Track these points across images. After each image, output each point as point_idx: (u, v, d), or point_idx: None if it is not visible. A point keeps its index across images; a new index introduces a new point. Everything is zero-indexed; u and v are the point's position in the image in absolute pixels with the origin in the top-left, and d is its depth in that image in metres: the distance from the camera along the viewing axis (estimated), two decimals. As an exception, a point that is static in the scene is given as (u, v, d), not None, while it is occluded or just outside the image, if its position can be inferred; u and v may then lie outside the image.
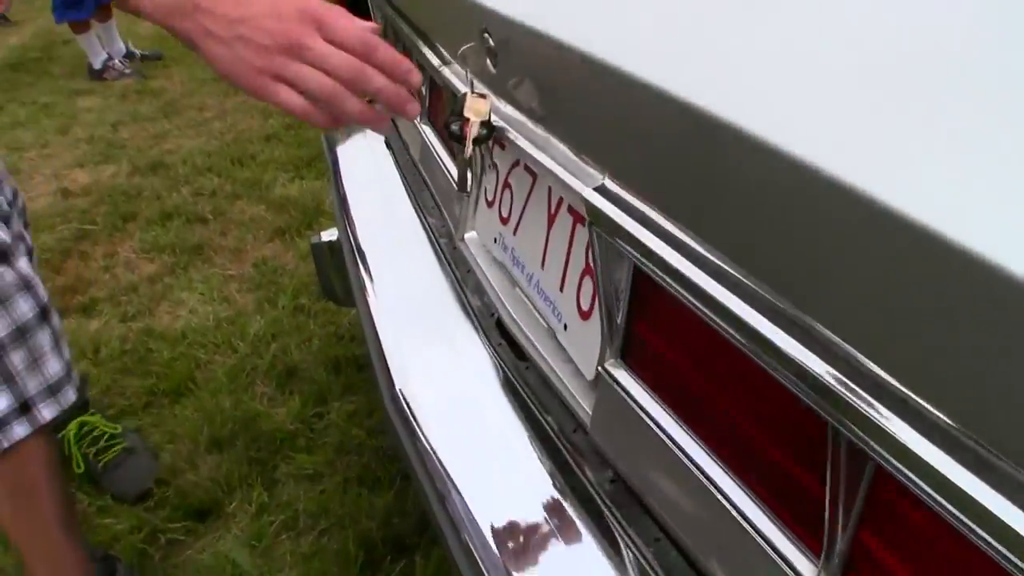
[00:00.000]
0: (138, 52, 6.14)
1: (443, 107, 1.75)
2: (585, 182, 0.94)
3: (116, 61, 5.80)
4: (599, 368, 1.02)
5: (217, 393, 2.65)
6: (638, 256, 0.85)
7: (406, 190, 1.99)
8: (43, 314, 1.65)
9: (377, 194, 2.08)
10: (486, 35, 1.12)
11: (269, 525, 2.16)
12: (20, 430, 1.62)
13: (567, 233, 1.14)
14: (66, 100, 5.51)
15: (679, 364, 0.91)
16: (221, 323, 3.03)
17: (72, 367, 1.75)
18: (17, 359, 1.60)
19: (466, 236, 1.55)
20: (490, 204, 1.44)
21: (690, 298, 0.77)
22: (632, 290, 0.96)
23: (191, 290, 3.27)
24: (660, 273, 0.81)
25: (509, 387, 1.29)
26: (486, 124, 1.17)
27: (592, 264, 1.07)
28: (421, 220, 1.81)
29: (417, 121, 1.90)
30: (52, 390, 1.67)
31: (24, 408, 1.63)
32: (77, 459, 2.35)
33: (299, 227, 3.70)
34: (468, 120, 1.17)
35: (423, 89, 1.85)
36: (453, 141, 1.21)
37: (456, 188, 1.57)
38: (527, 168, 1.29)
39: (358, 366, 2.70)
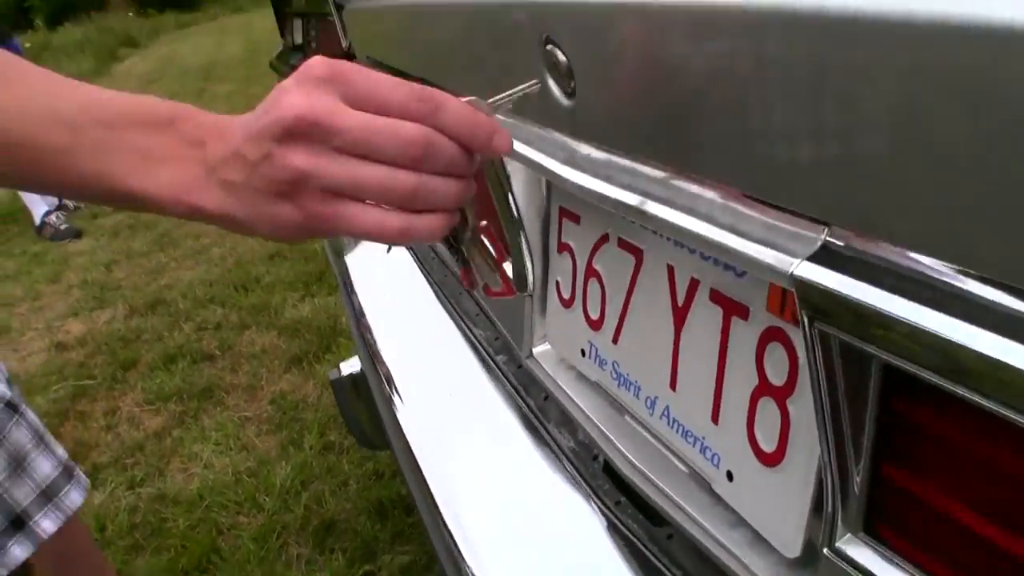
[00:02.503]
0: (71, 204, 5.84)
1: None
2: (784, 250, 0.54)
3: (53, 216, 5.50)
4: (826, 554, 0.61)
5: (245, 564, 2.24)
6: (903, 355, 0.45)
7: (437, 297, 1.60)
8: (11, 408, 1.36)
9: (401, 306, 1.70)
10: (551, 47, 0.75)
11: None
12: (19, 551, 1.32)
13: (715, 333, 0.75)
14: (56, 246, 5.20)
15: (982, 531, 0.50)
16: (242, 476, 2.63)
17: (70, 463, 1.47)
18: None
19: (536, 351, 1.15)
20: (568, 304, 1.05)
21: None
22: (879, 419, 0.55)
23: (204, 440, 2.87)
24: (955, 375, 0.41)
25: (643, 566, 0.87)
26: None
27: (781, 378, 0.67)
28: (464, 333, 1.42)
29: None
30: (47, 495, 1.38)
31: (18, 524, 1.33)
32: None
33: (316, 352, 3.32)
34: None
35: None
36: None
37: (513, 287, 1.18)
38: (623, 244, 0.90)
39: (406, 508, 2.28)
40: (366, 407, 1.66)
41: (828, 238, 0.51)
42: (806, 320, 0.52)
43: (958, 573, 0.53)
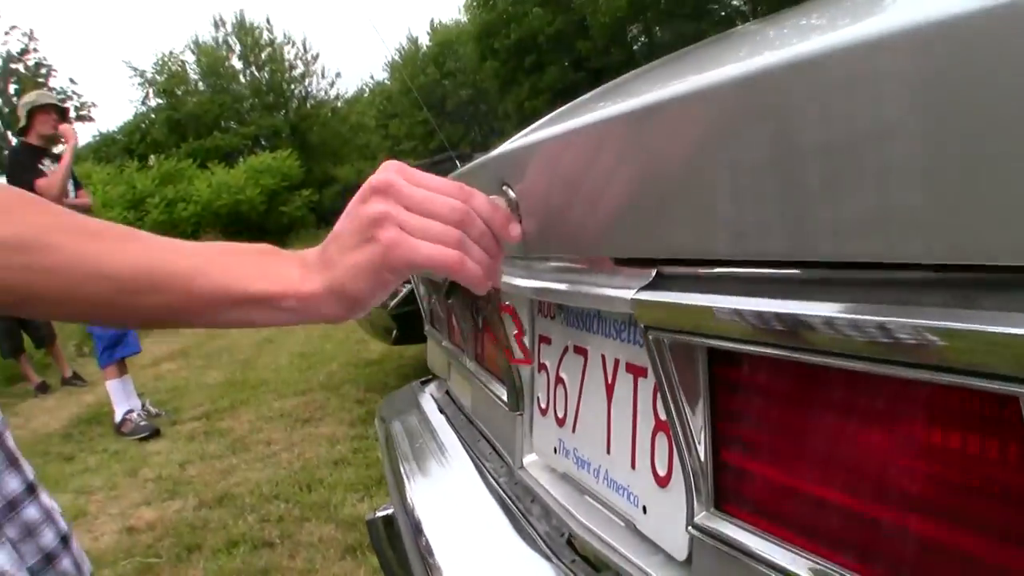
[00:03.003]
0: (154, 410, 6.23)
1: (489, 341, 1.63)
2: (632, 287, 0.78)
3: (134, 414, 5.87)
4: (690, 531, 0.80)
5: None
6: (716, 333, 0.67)
7: (464, 448, 1.82)
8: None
9: (433, 461, 1.91)
10: (505, 187, 1.02)
11: None
12: None
13: (629, 395, 0.96)
14: (136, 446, 5.52)
15: (803, 472, 0.70)
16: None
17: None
18: None
19: (525, 461, 1.36)
20: (544, 411, 1.27)
21: (810, 355, 0.59)
22: (713, 400, 0.76)
23: (259, 618, 3.01)
24: (755, 335, 0.62)
25: (592, 611, 1.04)
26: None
27: (658, 405, 0.88)
28: (478, 468, 1.63)
29: (468, 368, 1.77)
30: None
31: None
32: None
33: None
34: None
35: (473, 320, 1.73)
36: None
37: (508, 410, 1.41)
38: (577, 349, 1.13)
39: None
40: (394, 547, 1.84)
41: (655, 273, 0.75)
42: (644, 332, 0.75)
43: (795, 532, 0.71)
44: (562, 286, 0.96)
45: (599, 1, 28.02)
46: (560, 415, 1.20)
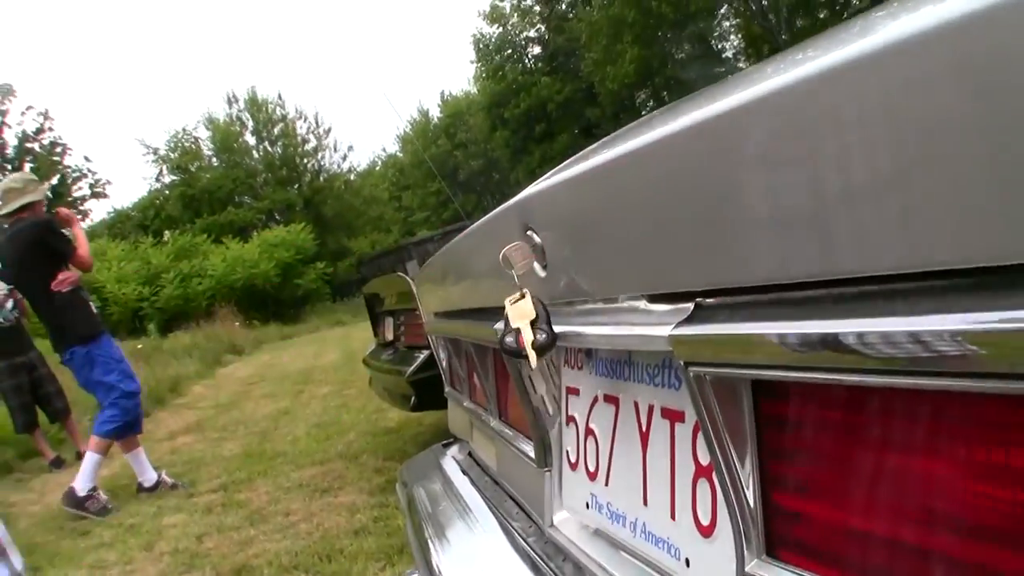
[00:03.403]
0: (170, 480, 6.17)
1: (511, 398, 1.59)
2: (669, 323, 0.74)
3: (100, 492, 5.82)
4: (740, 585, 0.75)
5: None
6: (762, 363, 0.64)
7: (489, 509, 1.77)
8: None
9: (458, 524, 1.86)
10: (529, 232, 0.99)
11: None
12: None
13: (666, 442, 0.93)
14: (152, 519, 5.44)
15: (865, 511, 0.65)
16: None
17: None
18: None
19: (556, 519, 1.31)
20: (574, 466, 1.23)
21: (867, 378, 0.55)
22: (761, 438, 0.72)
23: None
24: (804, 361, 0.59)
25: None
26: (544, 328, 1.00)
27: (698, 449, 0.84)
28: (505, 529, 1.58)
29: (492, 427, 1.73)
30: None
31: None
32: None
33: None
34: (520, 331, 1.00)
35: (489, 381, 1.70)
36: (513, 356, 1.03)
37: (536, 467, 1.37)
38: (607, 398, 1.10)
39: None
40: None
41: (693, 306, 0.72)
42: (684, 369, 0.72)
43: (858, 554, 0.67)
44: (593, 330, 0.93)
45: (607, 69, 28.40)
46: (591, 468, 1.16)
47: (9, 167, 30.10)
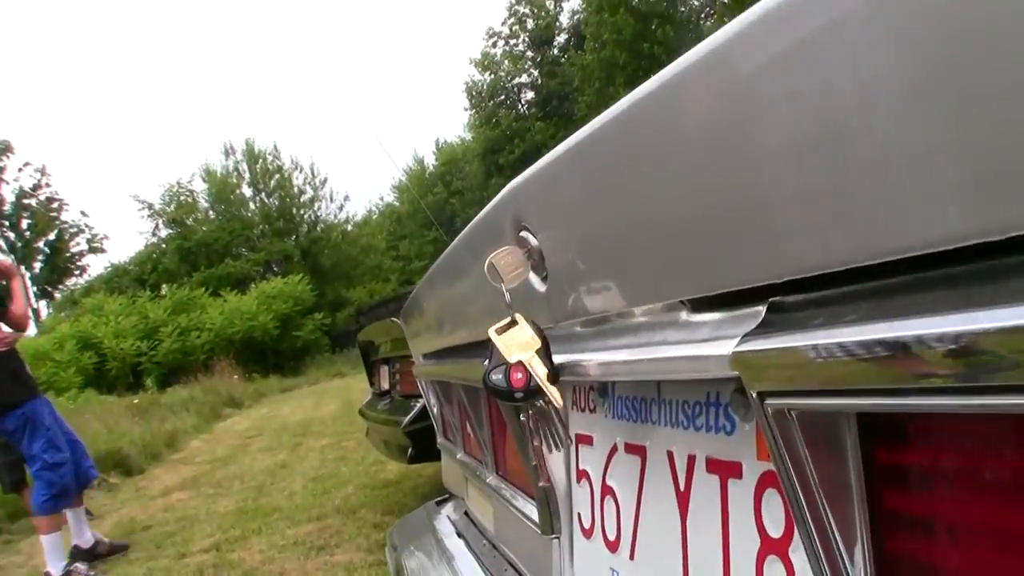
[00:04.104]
0: (106, 540, 5.83)
1: (509, 449, 1.35)
2: (729, 337, 0.51)
3: (78, 565, 5.45)
4: None
5: None
6: (879, 384, 0.40)
7: (488, 578, 1.52)
8: None
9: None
10: (524, 233, 0.76)
11: None
12: None
13: (715, 505, 0.69)
14: (145, 581, 5.17)
15: None
16: None
17: None
18: None
19: (567, 597, 1.07)
20: (588, 533, 0.99)
21: None
22: (873, 496, 0.48)
23: None
24: (948, 377, 0.35)
25: None
26: (541, 362, 0.76)
27: (780, 528, 0.60)
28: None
29: (489, 483, 1.49)
30: None
31: None
32: None
33: None
34: (518, 364, 0.76)
35: (484, 430, 1.45)
36: (502, 399, 0.79)
37: (540, 533, 1.12)
38: (629, 448, 0.86)
39: None
40: None
41: (766, 309, 0.48)
42: (757, 400, 0.48)
43: None
44: (611, 357, 0.70)
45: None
46: (611, 537, 0.91)
47: (6, 224, 30.05)
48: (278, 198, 34.47)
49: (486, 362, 0.78)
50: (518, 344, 0.76)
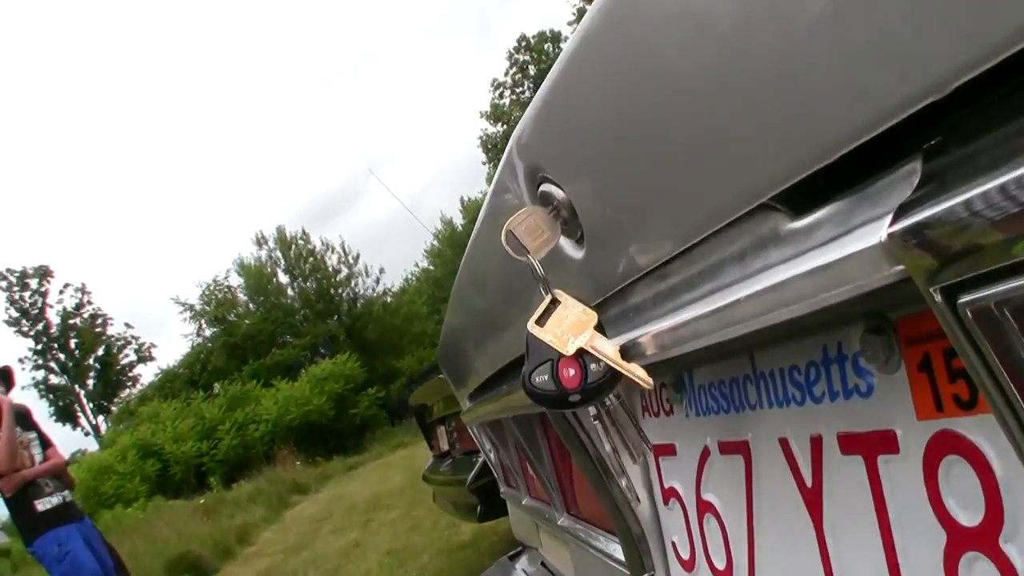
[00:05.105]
0: None
1: (577, 483, 1.16)
2: (870, 219, 0.32)
3: None
4: None
5: None
6: None
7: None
8: None
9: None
10: (544, 187, 0.58)
11: None
12: None
13: (862, 494, 0.50)
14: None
15: None
16: None
17: None
18: None
19: (674, 647, 0.87)
20: (689, 564, 0.79)
21: None
22: None
23: None
24: None
25: None
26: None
27: (977, 511, 0.41)
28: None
29: (561, 525, 1.30)
30: None
31: None
32: None
33: None
34: (570, 359, 0.57)
35: (545, 466, 1.26)
36: (553, 406, 0.60)
37: (630, 574, 0.93)
38: (726, 447, 0.67)
39: None
40: None
41: (923, 164, 0.30)
42: (943, 302, 0.29)
43: None
44: (690, 314, 0.51)
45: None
46: (719, 565, 0.72)
47: (56, 346, 30.50)
48: (315, 281, 34.76)
49: (528, 366, 0.60)
50: (570, 327, 0.57)
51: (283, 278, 34.56)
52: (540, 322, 0.60)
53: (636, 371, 0.55)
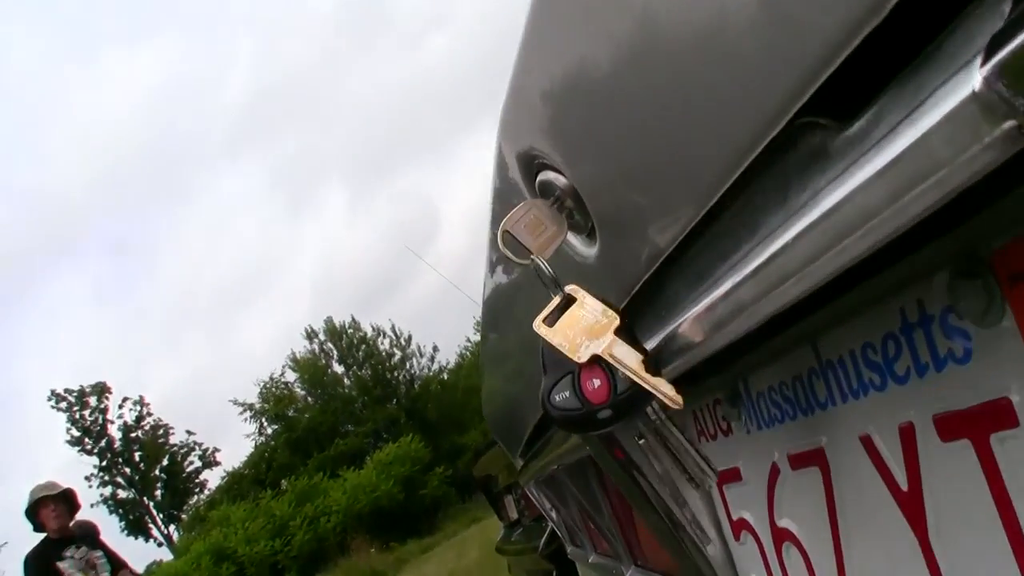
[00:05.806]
0: None
1: (640, 530, 1.05)
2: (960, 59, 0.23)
3: None
4: None
5: None
6: None
7: None
8: None
9: None
10: (543, 174, 0.50)
11: None
12: None
13: (975, 487, 0.39)
14: None
15: None
16: None
17: None
18: None
19: None
20: (775, 603, 0.68)
21: None
22: None
23: None
24: None
25: None
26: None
27: None
28: None
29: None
30: None
31: None
32: None
33: None
34: (592, 366, 0.48)
35: (604, 516, 1.16)
36: (579, 429, 0.51)
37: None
38: (798, 460, 0.57)
39: None
40: None
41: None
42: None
43: None
44: (740, 274, 0.41)
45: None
46: (809, 598, 0.61)
47: (120, 460, 30.75)
48: (369, 367, 34.86)
49: (547, 382, 0.51)
50: (584, 330, 0.48)
51: (338, 368, 34.70)
52: (549, 321, 0.51)
53: (661, 386, 0.46)
